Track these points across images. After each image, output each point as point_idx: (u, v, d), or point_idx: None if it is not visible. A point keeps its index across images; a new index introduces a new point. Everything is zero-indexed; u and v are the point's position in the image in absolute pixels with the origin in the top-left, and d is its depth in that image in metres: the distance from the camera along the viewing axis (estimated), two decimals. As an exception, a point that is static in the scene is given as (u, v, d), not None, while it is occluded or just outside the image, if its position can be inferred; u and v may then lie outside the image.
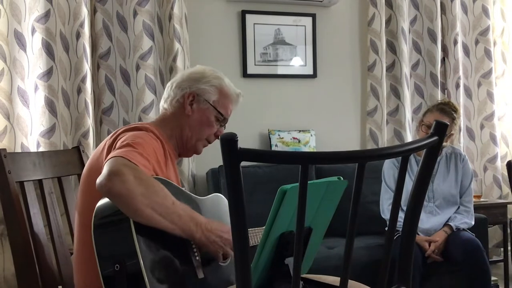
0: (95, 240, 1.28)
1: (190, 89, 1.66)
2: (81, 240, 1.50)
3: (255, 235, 1.74)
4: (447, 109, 2.86)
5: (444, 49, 4.03)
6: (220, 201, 1.73)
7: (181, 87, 1.67)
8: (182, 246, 1.39)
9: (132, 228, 1.25)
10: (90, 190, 1.44)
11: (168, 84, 1.72)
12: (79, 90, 2.98)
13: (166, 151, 1.56)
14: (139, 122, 1.68)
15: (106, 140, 1.53)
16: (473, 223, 2.86)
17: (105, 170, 1.27)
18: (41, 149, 2.75)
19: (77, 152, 2.12)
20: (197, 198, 1.62)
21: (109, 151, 1.45)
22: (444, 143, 2.90)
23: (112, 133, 1.55)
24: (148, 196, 1.25)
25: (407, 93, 3.87)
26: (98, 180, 1.25)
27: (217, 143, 0.88)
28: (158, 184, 1.31)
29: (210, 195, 1.70)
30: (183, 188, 1.58)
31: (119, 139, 1.46)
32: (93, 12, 3.16)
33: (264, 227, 1.80)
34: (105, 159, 1.36)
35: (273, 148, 3.50)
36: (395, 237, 2.62)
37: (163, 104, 1.71)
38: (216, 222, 1.45)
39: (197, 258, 1.43)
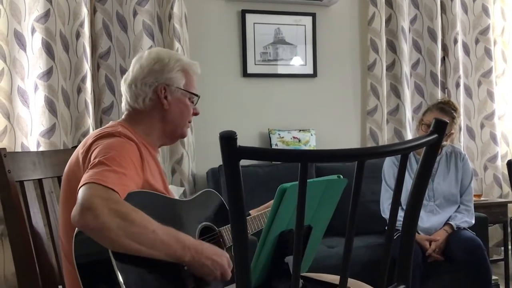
0: (76, 259, 1.25)
1: (158, 82, 1.57)
2: (65, 245, 1.47)
3: (251, 223, 1.72)
4: (447, 108, 2.86)
5: (444, 48, 4.03)
6: (208, 197, 1.69)
7: (148, 83, 1.57)
8: (169, 262, 1.34)
9: (110, 253, 1.22)
10: (71, 197, 1.39)
11: (128, 83, 1.60)
12: (79, 90, 2.98)
13: (142, 152, 1.49)
14: (111, 124, 1.58)
15: (81, 147, 1.47)
16: (473, 222, 2.86)
17: (78, 202, 1.21)
18: (41, 149, 2.75)
19: (77, 151, 2.11)
20: (182, 201, 1.59)
21: (84, 162, 1.40)
22: (444, 142, 2.90)
23: (86, 139, 1.49)
24: (125, 227, 1.20)
25: (407, 92, 3.87)
26: (72, 214, 1.21)
27: (217, 142, 0.88)
28: (135, 212, 1.24)
29: (198, 193, 1.67)
30: (183, 190, 1.56)
31: (93, 151, 1.39)
32: (93, 11, 3.16)
33: (257, 209, 1.80)
34: (81, 180, 1.28)
35: (273, 147, 3.50)
36: (395, 236, 2.62)
37: (131, 103, 1.60)
38: (208, 244, 1.40)
39: (185, 268, 1.38)
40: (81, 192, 1.23)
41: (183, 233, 1.33)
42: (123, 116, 1.65)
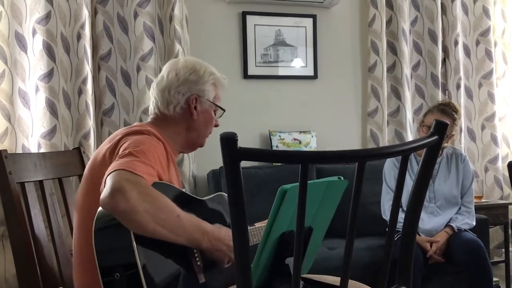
0: (95, 245, 1.27)
1: (191, 92, 1.64)
2: (81, 241, 1.49)
3: (256, 233, 1.73)
4: (448, 109, 2.86)
5: (445, 50, 4.03)
6: (223, 200, 1.72)
7: (181, 92, 1.63)
8: (183, 252, 1.39)
9: (132, 236, 1.25)
10: (93, 192, 1.43)
11: (161, 89, 1.65)
12: (80, 92, 2.99)
13: (168, 153, 1.56)
14: (139, 124, 1.64)
15: (107, 143, 1.51)
16: (474, 223, 2.86)
17: (107, 186, 1.25)
18: (42, 150, 2.75)
19: (78, 153, 2.12)
20: (200, 200, 1.61)
21: (111, 156, 1.43)
22: (445, 144, 2.90)
23: (113, 136, 1.53)
24: (152, 212, 1.24)
25: (407, 94, 3.87)
26: (101, 197, 1.24)
27: (218, 144, 0.88)
28: (162, 198, 1.29)
29: (212, 195, 1.70)
30: (184, 190, 1.58)
31: (121, 145, 1.43)
32: (93, 13, 3.16)
33: (263, 222, 1.81)
34: (108, 168, 1.33)
35: (274, 149, 3.50)
36: (396, 238, 2.62)
37: (161, 108, 1.65)
38: (224, 229, 1.45)
39: (199, 263, 1.43)
40: (110, 177, 1.26)
41: (202, 220, 1.39)
42: (149, 119, 1.70)
